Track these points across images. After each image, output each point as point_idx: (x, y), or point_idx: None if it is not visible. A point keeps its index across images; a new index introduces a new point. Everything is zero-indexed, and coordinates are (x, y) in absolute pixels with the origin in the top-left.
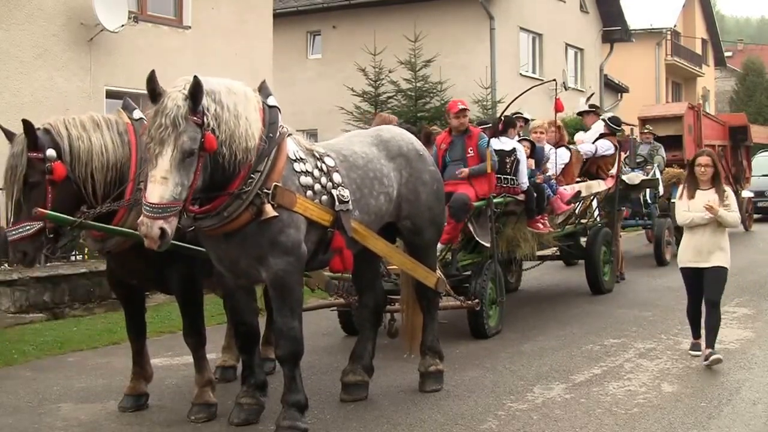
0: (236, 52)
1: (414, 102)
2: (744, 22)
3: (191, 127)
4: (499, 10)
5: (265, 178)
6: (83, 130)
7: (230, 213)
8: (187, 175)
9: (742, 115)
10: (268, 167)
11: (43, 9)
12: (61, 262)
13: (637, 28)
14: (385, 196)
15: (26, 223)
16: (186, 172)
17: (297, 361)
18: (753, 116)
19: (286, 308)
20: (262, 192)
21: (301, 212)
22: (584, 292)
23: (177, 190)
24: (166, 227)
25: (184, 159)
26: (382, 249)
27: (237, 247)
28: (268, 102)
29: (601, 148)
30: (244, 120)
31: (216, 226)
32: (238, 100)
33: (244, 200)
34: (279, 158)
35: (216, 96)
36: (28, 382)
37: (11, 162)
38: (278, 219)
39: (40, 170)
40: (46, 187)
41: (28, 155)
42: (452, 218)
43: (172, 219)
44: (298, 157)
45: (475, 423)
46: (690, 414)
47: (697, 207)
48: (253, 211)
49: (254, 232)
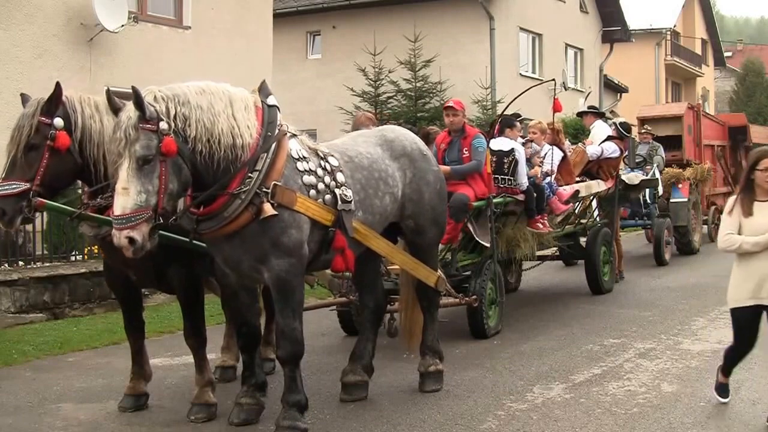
0: (236, 52)
1: (414, 102)
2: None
3: (144, 135)
4: (499, 10)
5: (264, 177)
6: (96, 110)
7: (230, 213)
8: (150, 182)
9: (741, 115)
10: (267, 166)
11: (43, 9)
12: (61, 262)
13: (636, 28)
14: (390, 196)
15: (13, 181)
16: (148, 179)
17: (298, 361)
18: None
19: (288, 309)
20: (261, 191)
21: (302, 211)
22: (584, 292)
23: (141, 198)
24: (134, 235)
25: (141, 167)
26: (384, 249)
27: (239, 248)
28: (268, 101)
29: (607, 151)
30: (224, 117)
31: (217, 227)
32: (215, 100)
33: (243, 200)
34: (279, 157)
35: (181, 98)
36: (28, 382)
37: (20, 122)
38: (280, 219)
39: (43, 135)
40: (44, 152)
41: (39, 118)
42: (451, 218)
43: (140, 226)
44: (302, 156)
45: (475, 423)
46: (689, 414)
47: (757, 226)
48: (253, 211)
49: (255, 233)
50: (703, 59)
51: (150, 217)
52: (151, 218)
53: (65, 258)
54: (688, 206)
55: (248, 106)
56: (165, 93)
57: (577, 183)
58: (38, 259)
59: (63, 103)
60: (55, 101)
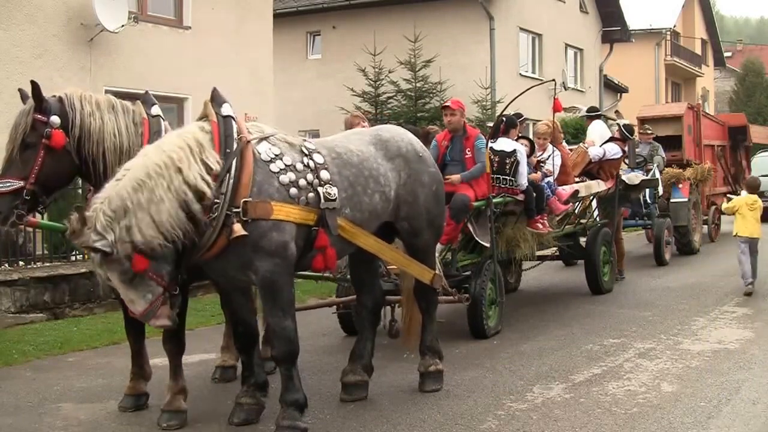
0: (236, 52)
1: (414, 102)
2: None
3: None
4: (499, 11)
5: (231, 197)
6: (97, 108)
7: (206, 242)
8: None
9: (741, 115)
10: (232, 186)
11: (43, 9)
12: (62, 262)
13: (636, 28)
14: (380, 194)
15: (8, 179)
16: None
17: (293, 360)
18: (752, 116)
19: (276, 309)
20: (231, 212)
21: (282, 218)
22: (584, 292)
23: None
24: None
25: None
26: (373, 246)
27: (221, 260)
28: (222, 112)
29: (609, 152)
30: (174, 199)
31: (197, 256)
32: (155, 187)
33: (215, 227)
34: (244, 170)
35: (118, 210)
36: (28, 382)
37: (17, 119)
38: (257, 227)
39: (39, 133)
40: (39, 151)
41: (34, 116)
42: (452, 219)
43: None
44: (273, 156)
45: (475, 423)
46: (689, 414)
47: None
48: (226, 234)
49: (234, 246)
50: (702, 59)
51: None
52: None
53: (65, 258)
54: (689, 206)
55: (200, 143)
56: (105, 210)
57: (577, 183)
58: (38, 259)
59: (62, 101)
60: (39, 99)
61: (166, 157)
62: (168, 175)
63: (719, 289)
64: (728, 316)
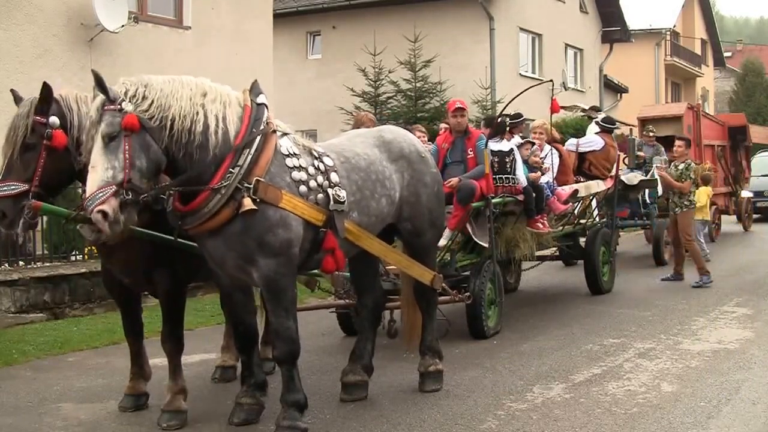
0: (236, 52)
1: (414, 102)
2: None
3: (107, 114)
4: (499, 11)
5: (245, 173)
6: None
7: (210, 208)
8: (116, 157)
9: (741, 115)
10: (250, 162)
11: (43, 9)
12: (62, 262)
13: (636, 28)
14: (387, 198)
15: (12, 182)
16: (113, 155)
17: (294, 360)
18: (752, 116)
19: (280, 309)
20: (242, 186)
21: (289, 209)
22: (584, 292)
23: (108, 174)
24: (104, 208)
25: (107, 144)
26: (377, 249)
27: (222, 245)
28: (257, 100)
29: (582, 144)
30: (187, 103)
31: (197, 223)
32: (182, 87)
33: (224, 195)
34: (264, 153)
35: (144, 81)
36: (28, 382)
37: (15, 122)
38: (264, 218)
39: (39, 134)
40: (41, 152)
41: (34, 118)
42: (458, 203)
43: (108, 200)
44: (292, 153)
45: (475, 423)
46: (689, 414)
47: None
48: (234, 206)
49: (239, 231)
50: (702, 59)
51: (116, 191)
52: (118, 192)
53: (65, 258)
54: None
55: (229, 102)
56: (131, 79)
57: (577, 183)
58: (38, 258)
59: (58, 103)
60: (47, 101)
61: (208, 84)
62: (197, 90)
63: (719, 289)
64: (728, 316)
